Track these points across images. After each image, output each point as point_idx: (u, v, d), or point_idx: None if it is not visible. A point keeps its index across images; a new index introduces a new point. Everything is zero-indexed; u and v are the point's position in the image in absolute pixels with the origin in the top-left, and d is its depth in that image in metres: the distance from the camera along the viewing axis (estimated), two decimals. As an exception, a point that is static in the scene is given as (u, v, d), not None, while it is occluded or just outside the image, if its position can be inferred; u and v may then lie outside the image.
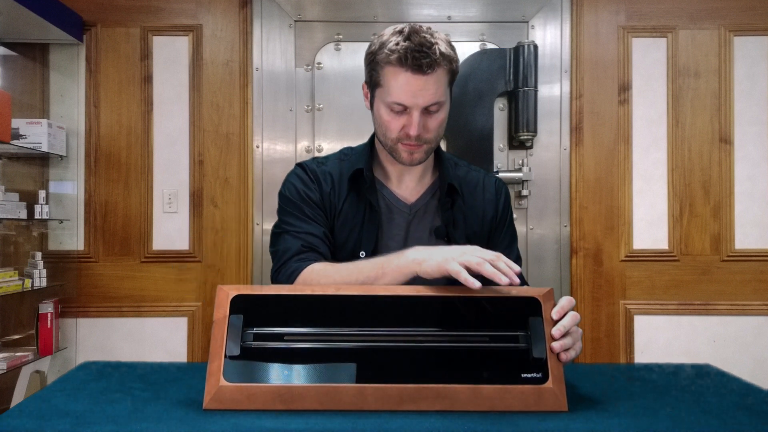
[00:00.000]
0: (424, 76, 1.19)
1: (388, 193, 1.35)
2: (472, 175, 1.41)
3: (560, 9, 2.73)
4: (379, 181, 1.36)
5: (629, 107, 2.71)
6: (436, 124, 1.25)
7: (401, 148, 1.26)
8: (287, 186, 1.36)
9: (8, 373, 2.29)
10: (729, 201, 2.70)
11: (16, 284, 2.36)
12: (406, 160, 1.28)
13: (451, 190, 1.35)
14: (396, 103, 1.22)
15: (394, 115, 1.24)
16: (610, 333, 2.70)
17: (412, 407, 0.90)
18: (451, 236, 1.32)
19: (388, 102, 1.23)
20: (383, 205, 1.34)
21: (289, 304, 0.99)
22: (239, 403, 0.90)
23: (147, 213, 2.67)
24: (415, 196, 1.36)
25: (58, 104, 2.68)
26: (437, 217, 1.35)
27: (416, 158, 1.28)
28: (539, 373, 0.93)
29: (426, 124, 1.24)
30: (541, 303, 0.98)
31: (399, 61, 1.19)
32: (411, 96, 1.20)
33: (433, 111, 1.23)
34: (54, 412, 0.89)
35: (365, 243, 1.30)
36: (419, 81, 1.19)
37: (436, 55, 1.19)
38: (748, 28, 2.70)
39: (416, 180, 1.36)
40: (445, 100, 1.25)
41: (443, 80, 1.23)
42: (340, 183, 1.34)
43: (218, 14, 2.69)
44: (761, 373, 2.66)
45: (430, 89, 1.20)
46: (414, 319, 0.97)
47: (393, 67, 1.20)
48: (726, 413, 0.91)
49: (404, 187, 1.36)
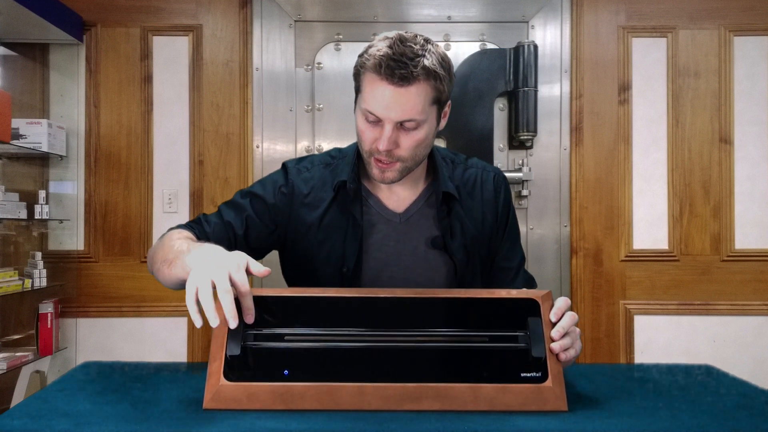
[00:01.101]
0: (400, 89, 1.10)
1: (375, 203, 1.29)
2: (470, 172, 1.34)
3: (560, 9, 2.73)
4: (366, 189, 1.29)
5: (629, 107, 2.71)
6: (412, 143, 1.15)
7: (374, 164, 1.19)
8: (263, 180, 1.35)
9: (8, 373, 2.29)
10: (729, 201, 2.70)
11: (16, 284, 2.36)
12: (377, 177, 1.20)
13: (447, 197, 1.28)
14: (369, 111, 1.14)
15: (368, 125, 1.16)
16: (610, 333, 2.70)
17: (412, 407, 0.90)
18: (449, 246, 1.26)
19: (363, 109, 1.16)
20: (369, 217, 1.27)
21: (289, 305, 0.99)
22: (239, 402, 0.90)
23: (147, 213, 2.67)
24: (405, 204, 1.29)
25: (58, 104, 2.68)
26: (434, 225, 1.28)
27: (388, 177, 1.19)
28: (538, 372, 0.93)
29: (399, 140, 1.15)
30: (540, 304, 0.99)
31: (375, 68, 1.11)
32: (383, 107, 1.12)
33: (409, 128, 1.14)
34: (54, 412, 0.89)
35: (348, 257, 1.25)
36: (394, 93, 1.11)
37: (416, 69, 1.09)
38: (748, 28, 2.70)
39: (407, 187, 1.29)
40: (425, 119, 1.15)
41: (423, 97, 1.12)
42: (323, 191, 1.29)
43: (218, 14, 2.69)
44: (761, 373, 2.65)
45: (405, 104, 1.11)
46: (413, 319, 0.98)
47: (370, 74, 1.13)
48: (726, 413, 0.91)
49: (394, 196, 1.29)
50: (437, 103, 1.17)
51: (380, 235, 1.27)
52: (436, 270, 1.28)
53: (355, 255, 1.25)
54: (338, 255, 1.26)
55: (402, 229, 1.28)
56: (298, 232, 1.29)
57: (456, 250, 1.27)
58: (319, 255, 1.28)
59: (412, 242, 1.28)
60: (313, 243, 1.28)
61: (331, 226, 1.27)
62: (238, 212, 1.29)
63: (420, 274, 1.27)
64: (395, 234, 1.28)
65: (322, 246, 1.28)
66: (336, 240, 1.27)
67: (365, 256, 1.26)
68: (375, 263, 1.26)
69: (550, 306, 0.99)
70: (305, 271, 1.30)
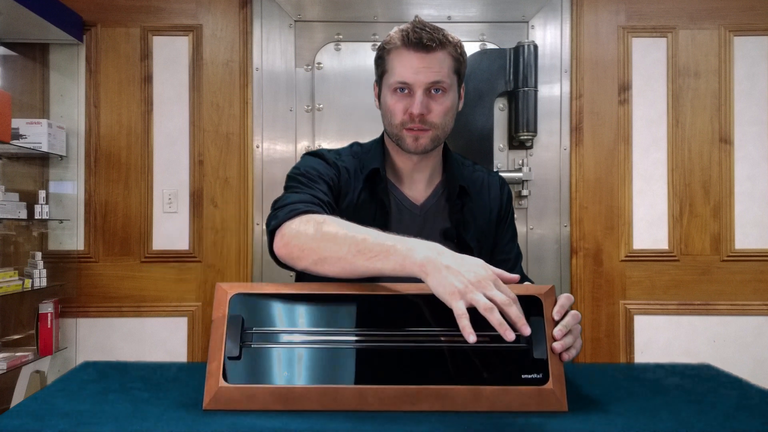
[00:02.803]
0: (428, 55, 1.22)
1: (398, 194, 1.35)
2: (478, 174, 1.42)
3: (560, 9, 2.73)
4: (390, 182, 1.35)
5: (629, 107, 2.71)
6: (442, 109, 1.26)
7: (406, 134, 1.26)
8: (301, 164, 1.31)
9: (8, 373, 2.29)
10: (729, 201, 2.70)
11: (16, 284, 2.36)
12: (411, 146, 1.27)
13: (461, 192, 1.35)
14: (399, 81, 1.24)
15: (398, 97, 1.25)
16: (610, 333, 2.70)
17: (413, 408, 0.90)
18: (461, 238, 1.32)
19: (391, 83, 1.25)
20: (394, 207, 1.33)
21: (289, 303, 0.98)
22: (239, 403, 0.90)
23: (147, 213, 2.67)
24: (424, 197, 1.36)
25: (58, 104, 2.68)
26: (447, 218, 1.35)
27: (421, 144, 1.26)
28: (540, 373, 0.92)
29: (430, 105, 1.24)
30: (543, 302, 0.97)
31: (403, 40, 1.23)
32: (413, 72, 1.23)
33: (437, 95, 1.25)
34: (54, 412, 0.89)
35: None
36: (422, 59, 1.22)
37: (439, 36, 1.23)
38: (748, 28, 2.70)
39: (426, 180, 1.36)
40: (450, 84, 1.26)
41: (447, 63, 1.25)
42: (356, 179, 1.33)
43: (218, 14, 2.69)
44: (761, 373, 2.65)
45: (432, 67, 1.23)
46: (415, 319, 0.97)
47: (397, 50, 1.25)
48: (726, 413, 0.91)
49: (414, 188, 1.36)
50: (457, 74, 1.29)
51: (403, 224, 1.32)
52: None
53: None
54: None
55: (420, 221, 1.34)
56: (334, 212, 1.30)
57: (469, 241, 1.33)
58: None
59: (429, 233, 1.32)
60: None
61: (361, 213, 1.30)
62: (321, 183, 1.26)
63: None
64: (415, 225, 1.33)
65: None
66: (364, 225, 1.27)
67: None
68: None
69: (553, 301, 0.98)
70: None
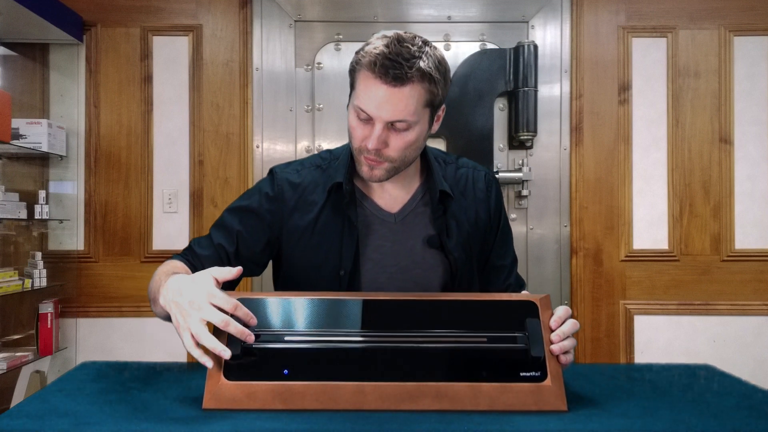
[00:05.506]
0: (394, 89, 1.09)
1: (369, 204, 1.27)
2: (461, 172, 1.33)
3: (560, 9, 2.73)
4: (360, 191, 1.28)
5: (629, 107, 2.71)
6: (401, 144, 1.15)
7: (363, 161, 1.17)
8: (250, 190, 1.34)
9: (8, 373, 2.29)
10: (729, 201, 2.70)
11: (16, 284, 2.36)
12: (366, 174, 1.19)
13: (442, 196, 1.26)
14: (360, 109, 1.13)
15: (359, 122, 1.15)
16: (610, 333, 2.70)
17: (412, 406, 0.90)
18: (445, 245, 1.26)
19: (355, 106, 1.15)
20: (364, 218, 1.26)
21: (289, 304, 0.99)
22: (239, 402, 0.90)
23: (147, 213, 2.67)
24: (400, 204, 1.28)
25: (58, 104, 2.68)
26: (429, 225, 1.27)
27: (376, 175, 1.18)
28: (538, 371, 0.93)
29: (389, 140, 1.14)
30: (538, 306, 0.99)
31: (369, 66, 1.10)
32: (375, 106, 1.11)
33: (399, 129, 1.14)
34: (54, 412, 0.89)
35: (344, 261, 1.23)
36: (387, 93, 1.10)
37: (410, 70, 1.09)
38: (748, 28, 2.70)
39: (400, 187, 1.27)
40: (416, 121, 1.14)
41: (416, 99, 1.11)
42: (315, 195, 1.27)
43: (218, 14, 2.69)
44: (761, 373, 2.65)
45: (397, 104, 1.10)
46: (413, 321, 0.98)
47: (365, 72, 1.12)
48: (726, 413, 0.91)
49: (387, 196, 1.28)
50: (430, 106, 1.16)
51: (376, 236, 1.26)
52: (433, 269, 1.27)
53: (351, 258, 1.23)
54: (334, 258, 1.24)
55: (398, 230, 1.27)
56: (291, 237, 1.27)
57: (453, 248, 1.26)
58: (315, 259, 1.26)
59: (409, 242, 1.27)
60: (308, 247, 1.26)
61: (325, 230, 1.26)
62: (227, 232, 1.28)
63: (418, 273, 1.26)
64: (391, 234, 1.27)
65: (317, 250, 1.26)
66: (332, 243, 1.25)
67: (362, 259, 1.25)
68: (372, 265, 1.25)
69: (550, 312, 1.00)
70: (301, 278, 1.28)
